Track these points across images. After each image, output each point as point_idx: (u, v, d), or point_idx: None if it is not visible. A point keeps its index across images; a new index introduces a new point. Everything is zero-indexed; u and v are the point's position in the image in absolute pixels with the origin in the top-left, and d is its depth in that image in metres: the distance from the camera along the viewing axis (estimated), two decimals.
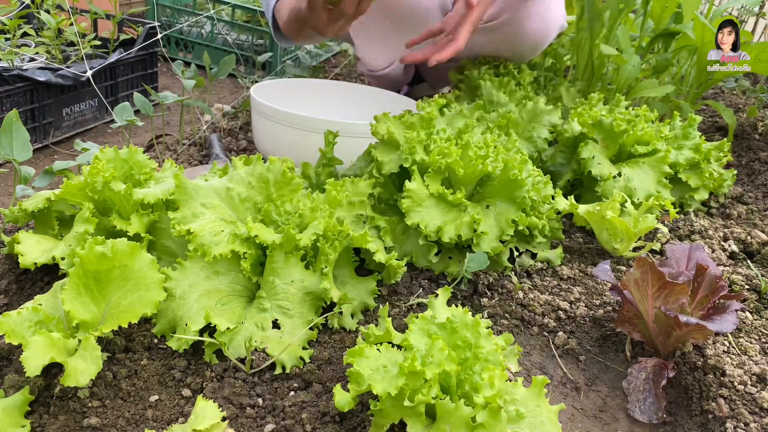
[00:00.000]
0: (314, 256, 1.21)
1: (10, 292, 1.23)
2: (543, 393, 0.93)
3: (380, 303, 1.28)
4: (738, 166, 2.15)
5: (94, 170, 1.20)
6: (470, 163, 1.35)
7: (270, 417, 0.99)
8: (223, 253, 1.11)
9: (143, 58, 2.25)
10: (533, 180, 1.41)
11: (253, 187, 1.24)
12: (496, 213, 1.35)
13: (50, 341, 0.92)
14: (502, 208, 1.35)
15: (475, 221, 1.31)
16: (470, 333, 0.95)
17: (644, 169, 1.68)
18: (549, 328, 1.28)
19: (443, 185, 1.37)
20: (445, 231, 1.31)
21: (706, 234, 1.66)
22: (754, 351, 1.20)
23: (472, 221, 1.31)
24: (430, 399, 0.86)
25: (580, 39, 2.31)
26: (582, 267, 1.49)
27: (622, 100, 1.83)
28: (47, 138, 1.95)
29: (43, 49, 2.08)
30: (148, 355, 1.09)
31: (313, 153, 1.58)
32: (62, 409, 0.97)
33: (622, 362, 1.22)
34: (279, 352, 1.08)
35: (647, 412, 1.09)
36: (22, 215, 1.27)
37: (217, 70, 1.92)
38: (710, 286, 1.17)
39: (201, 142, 1.96)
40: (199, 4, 3.02)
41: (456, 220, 1.33)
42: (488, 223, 1.33)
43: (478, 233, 1.31)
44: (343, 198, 1.30)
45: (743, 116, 2.57)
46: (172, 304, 1.10)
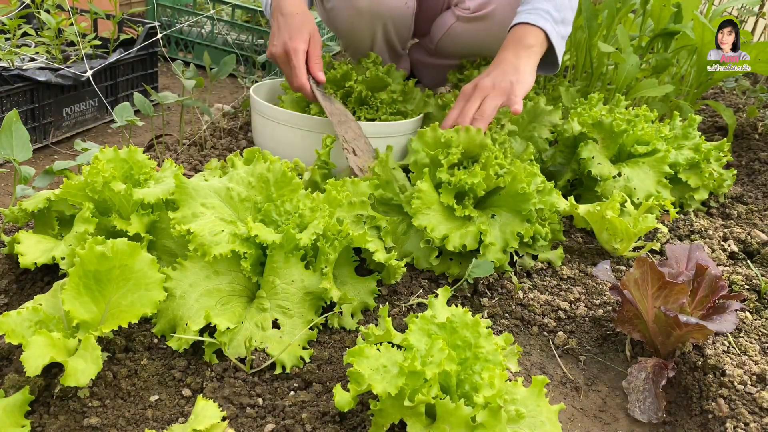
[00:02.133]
0: (314, 256, 1.21)
1: (10, 292, 1.23)
2: (543, 393, 0.93)
3: (380, 303, 1.28)
4: (738, 166, 2.15)
5: (94, 170, 1.20)
6: (491, 181, 1.37)
7: (270, 417, 0.99)
8: (223, 252, 1.11)
9: (143, 58, 2.25)
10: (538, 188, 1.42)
11: (253, 186, 1.24)
12: (502, 224, 1.36)
13: (50, 341, 0.92)
14: (507, 219, 1.37)
15: (481, 231, 1.32)
16: (470, 333, 0.95)
17: (644, 169, 1.68)
18: (549, 328, 1.28)
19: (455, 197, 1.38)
20: (451, 239, 1.31)
21: (705, 234, 1.66)
22: (754, 351, 1.20)
23: (478, 231, 1.32)
24: (430, 399, 0.86)
25: (578, 38, 2.31)
26: (582, 267, 1.49)
27: (622, 100, 1.83)
28: (47, 138, 1.95)
29: (43, 49, 2.08)
30: (148, 355, 1.09)
31: (313, 153, 1.58)
32: (62, 409, 0.97)
33: (622, 362, 1.22)
34: (279, 352, 1.08)
35: (647, 411, 1.09)
36: (22, 215, 1.27)
37: (217, 70, 1.92)
38: (710, 286, 1.17)
39: (201, 142, 1.97)
40: (199, 4, 3.02)
41: (462, 228, 1.33)
42: (494, 233, 1.34)
43: (485, 244, 1.32)
44: (344, 198, 1.31)
45: (743, 116, 2.57)
46: (172, 303, 1.10)
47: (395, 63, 2.16)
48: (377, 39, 2.01)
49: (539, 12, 1.60)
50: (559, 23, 1.62)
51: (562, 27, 1.64)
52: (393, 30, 2.00)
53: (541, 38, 1.60)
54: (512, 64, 1.56)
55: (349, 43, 2.11)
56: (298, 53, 1.61)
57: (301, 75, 1.61)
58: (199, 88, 1.91)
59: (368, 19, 1.92)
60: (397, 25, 2.00)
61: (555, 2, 1.62)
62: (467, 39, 2.06)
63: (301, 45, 1.61)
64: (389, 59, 2.15)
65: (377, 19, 1.93)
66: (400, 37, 2.08)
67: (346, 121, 1.62)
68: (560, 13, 1.62)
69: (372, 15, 1.91)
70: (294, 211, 1.22)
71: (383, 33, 2.00)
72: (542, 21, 1.59)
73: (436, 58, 2.23)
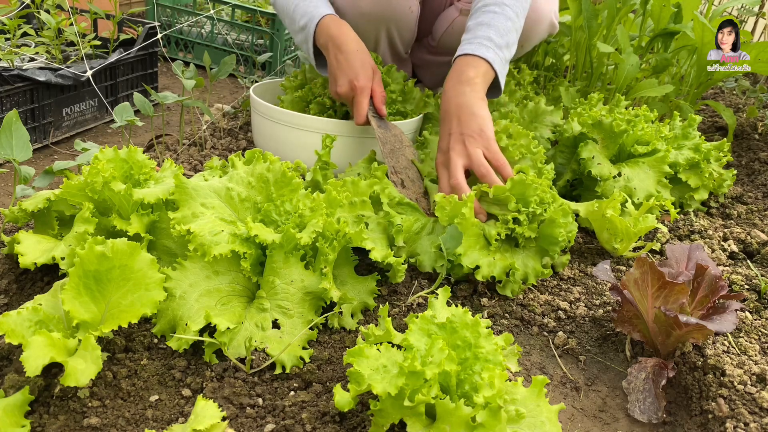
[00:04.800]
0: (314, 256, 1.21)
1: (10, 292, 1.23)
2: (543, 393, 0.93)
3: (380, 303, 1.28)
4: (738, 166, 2.15)
5: (94, 170, 1.20)
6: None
7: (270, 417, 0.99)
8: (223, 252, 1.11)
9: (143, 58, 2.25)
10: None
11: (253, 186, 1.24)
12: (524, 257, 1.37)
13: (50, 341, 0.92)
14: (532, 254, 1.38)
15: (511, 265, 1.33)
16: (470, 333, 0.95)
17: (644, 169, 1.68)
18: (549, 328, 1.28)
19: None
20: (482, 270, 1.31)
21: (705, 234, 1.66)
22: (754, 351, 1.20)
23: (507, 266, 1.33)
24: (430, 399, 0.86)
25: (578, 38, 2.31)
26: (582, 267, 1.49)
27: (622, 100, 1.83)
28: (47, 138, 1.95)
29: (43, 49, 2.08)
30: (148, 355, 1.09)
31: (313, 153, 1.58)
32: (62, 409, 0.97)
33: (622, 362, 1.22)
34: (279, 352, 1.08)
35: (647, 411, 1.09)
36: (22, 215, 1.27)
37: (217, 70, 1.92)
38: (710, 286, 1.17)
39: (201, 142, 1.97)
40: (199, 4, 3.02)
41: (489, 256, 1.33)
42: (518, 265, 1.35)
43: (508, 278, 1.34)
44: (344, 198, 1.30)
45: (743, 116, 2.57)
46: (172, 303, 1.10)
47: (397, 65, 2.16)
48: (381, 42, 2.01)
49: (479, 40, 1.56)
50: (503, 48, 1.59)
51: (506, 51, 1.61)
52: (396, 34, 2.01)
53: (483, 68, 1.55)
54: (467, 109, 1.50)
55: None
56: (365, 91, 1.63)
57: (364, 113, 1.63)
58: (199, 88, 1.91)
59: (372, 23, 1.93)
60: (400, 29, 2.00)
61: (497, 28, 1.58)
62: None
63: (367, 83, 1.64)
64: (391, 62, 2.15)
65: (381, 23, 1.93)
66: (404, 40, 2.08)
67: (398, 149, 1.62)
68: (503, 38, 1.59)
69: (376, 19, 1.91)
70: (294, 211, 1.23)
71: (387, 37, 2.00)
72: (483, 50, 1.55)
73: (437, 56, 2.23)
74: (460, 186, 1.42)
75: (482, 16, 1.61)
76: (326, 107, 1.85)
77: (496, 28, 1.59)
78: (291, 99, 1.90)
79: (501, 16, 1.60)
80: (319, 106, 1.85)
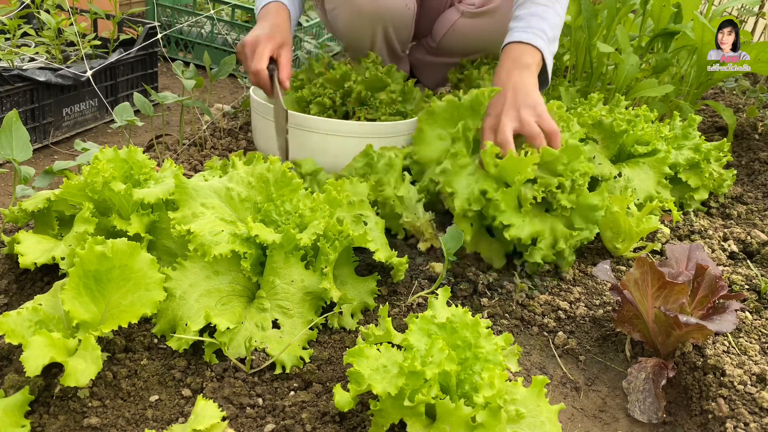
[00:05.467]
0: (314, 256, 1.21)
1: (10, 292, 1.23)
2: (543, 393, 0.93)
3: (380, 303, 1.28)
4: (738, 166, 2.15)
5: (94, 170, 1.20)
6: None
7: (270, 417, 0.99)
8: (223, 252, 1.11)
9: (143, 58, 2.25)
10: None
11: (253, 187, 1.24)
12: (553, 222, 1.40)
13: (50, 341, 0.92)
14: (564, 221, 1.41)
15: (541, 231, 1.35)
16: (470, 333, 0.95)
17: (644, 169, 1.68)
18: (549, 328, 1.28)
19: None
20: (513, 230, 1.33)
21: (705, 234, 1.66)
22: (754, 351, 1.20)
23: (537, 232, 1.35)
24: (430, 399, 0.86)
25: (578, 38, 2.31)
26: (582, 267, 1.49)
27: (622, 100, 1.83)
28: (47, 138, 1.94)
29: (43, 49, 2.08)
30: (148, 355, 1.09)
31: (313, 153, 1.58)
32: (62, 409, 0.97)
33: (622, 362, 1.22)
34: (279, 352, 1.08)
35: (647, 411, 1.09)
36: (22, 215, 1.27)
37: (217, 70, 1.92)
38: (710, 286, 1.17)
39: (201, 142, 1.97)
40: (199, 4, 3.02)
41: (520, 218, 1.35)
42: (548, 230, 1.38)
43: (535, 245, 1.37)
44: (343, 198, 1.31)
45: (743, 116, 2.57)
46: (172, 304, 1.10)
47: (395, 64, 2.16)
48: (377, 40, 2.01)
49: (534, 30, 1.57)
50: (552, 42, 1.60)
51: (554, 45, 1.62)
52: (393, 31, 2.01)
53: (538, 58, 1.56)
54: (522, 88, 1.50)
55: (349, 45, 2.11)
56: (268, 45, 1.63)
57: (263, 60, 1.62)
58: (199, 88, 1.91)
59: (368, 20, 1.93)
60: (397, 26, 2.00)
61: (549, 21, 1.60)
62: (471, 35, 2.06)
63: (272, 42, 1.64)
64: (389, 61, 2.15)
65: (377, 21, 1.93)
66: (400, 38, 2.08)
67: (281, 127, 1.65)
68: (553, 32, 1.60)
69: (372, 16, 1.91)
70: (294, 211, 1.23)
71: (383, 34, 2.00)
72: (539, 41, 1.55)
73: (437, 57, 2.23)
74: (507, 142, 1.39)
75: (534, 7, 1.61)
76: (326, 107, 1.84)
77: (549, 22, 1.60)
78: (291, 99, 1.90)
79: (551, 11, 1.61)
80: (319, 106, 1.84)
